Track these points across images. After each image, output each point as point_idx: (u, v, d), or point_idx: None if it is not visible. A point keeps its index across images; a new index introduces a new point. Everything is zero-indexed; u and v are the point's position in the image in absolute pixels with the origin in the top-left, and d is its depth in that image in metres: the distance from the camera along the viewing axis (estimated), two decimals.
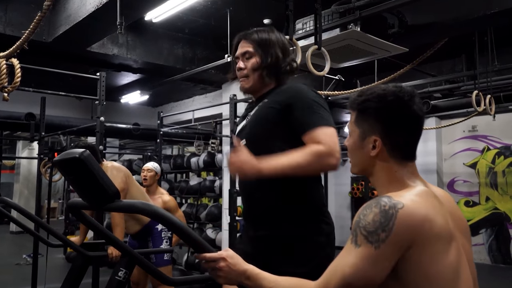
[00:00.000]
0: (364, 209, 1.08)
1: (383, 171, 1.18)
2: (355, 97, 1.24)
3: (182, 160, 6.80)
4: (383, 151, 1.17)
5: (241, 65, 1.88)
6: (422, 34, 4.02)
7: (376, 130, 1.17)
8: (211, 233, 6.06)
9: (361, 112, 1.20)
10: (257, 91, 1.92)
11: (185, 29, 5.20)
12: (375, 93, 1.18)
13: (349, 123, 1.26)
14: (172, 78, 5.45)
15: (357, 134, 1.21)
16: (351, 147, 1.24)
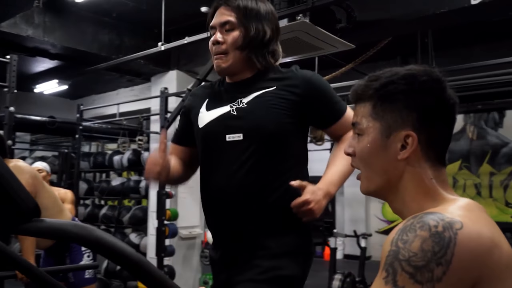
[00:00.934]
0: (402, 232, 0.76)
1: (414, 180, 0.87)
2: (365, 82, 0.92)
3: (103, 158, 6.22)
4: (416, 152, 0.86)
5: (218, 38, 1.49)
6: (369, 31, 3.85)
7: (408, 122, 0.86)
8: (135, 238, 5.57)
9: (384, 100, 0.88)
10: (236, 73, 1.54)
11: (113, 13, 4.69)
12: (400, 74, 0.88)
13: (358, 119, 0.93)
14: (95, 67, 4.90)
15: (377, 131, 0.89)
16: (366, 151, 0.91)
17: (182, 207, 5.12)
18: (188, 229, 5.25)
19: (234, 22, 1.48)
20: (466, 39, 5.32)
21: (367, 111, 0.91)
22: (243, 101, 1.49)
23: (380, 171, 0.90)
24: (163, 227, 4.65)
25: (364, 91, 0.91)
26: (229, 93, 1.55)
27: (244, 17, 1.48)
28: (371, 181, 0.92)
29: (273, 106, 1.46)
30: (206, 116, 1.54)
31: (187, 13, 4.82)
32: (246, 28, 1.48)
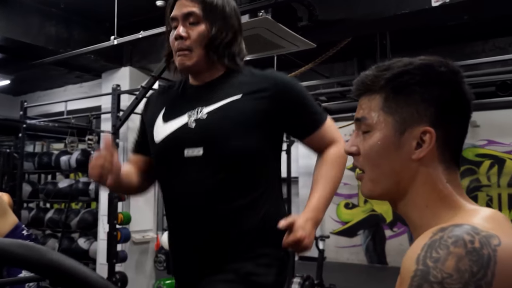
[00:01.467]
0: (430, 249, 0.65)
1: (427, 184, 0.77)
2: (374, 72, 0.81)
3: (49, 159, 5.88)
4: (432, 151, 0.77)
5: (181, 33, 1.32)
6: (330, 30, 3.80)
7: (425, 117, 0.77)
8: (84, 243, 5.29)
9: (398, 91, 0.78)
10: (201, 72, 1.39)
11: (61, 4, 4.39)
12: (415, 63, 0.79)
13: (366, 114, 0.82)
14: (41, 61, 4.57)
15: (390, 127, 0.79)
16: (376, 149, 0.80)
17: (134, 210, 4.89)
18: (141, 233, 5.03)
19: (198, 14, 1.33)
20: (422, 42, 5.41)
21: (377, 104, 0.80)
22: (204, 110, 1.33)
23: (390, 172, 0.80)
24: (114, 231, 4.41)
25: (374, 81, 0.80)
26: (189, 99, 1.39)
27: (210, 10, 1.34)
28: (378, 183, 0.82)
29: (237, 118, 1.31)
30: (162, 130, 1.39)
31: (141, 7, 4.60)
32: (212, 23, 1.33)
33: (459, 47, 5.47)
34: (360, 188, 0.87)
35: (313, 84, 5.75)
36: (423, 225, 0.76)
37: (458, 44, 5.46)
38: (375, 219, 7.86)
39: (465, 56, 5.31)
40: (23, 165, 5.69)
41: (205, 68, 1.38)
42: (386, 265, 7.73)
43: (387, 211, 7.80)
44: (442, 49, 5.52)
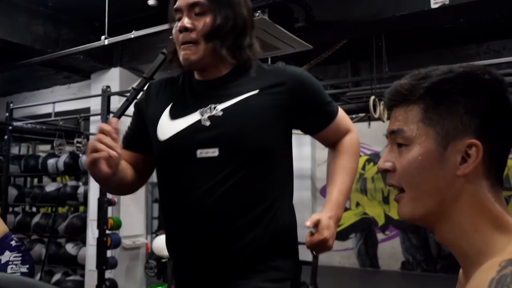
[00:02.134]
0: (501, 285, 0.57)
1: (474, 204, 0.69)
2: (410, 81, 0.74)
3: (36, 162, 5.71)
4: (477, 167, 0.69)
5: (186, 24, 1.23)
6: (326, 32, 3.75)
7: (470, 130, 0.70)
8: (72, 248, 5.14)
9: (439, 102, 0.71)
10: (208, 68, 1.29)
11: (49, 2, 4.26)
12: (456, 71, 0.71)
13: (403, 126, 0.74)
14: (28, 61, 4.43)
15: (431, 140, 0.71)
16: (416, 165, 0.72)
17: (125, 215, 4.77)
18: (131, 239, 4.90)
19: (205, 3, 1.23)
20: (417, 45, 5.38)
21: (415, 115, 0.73)
22: (218, 107, 1.23)
23: (433, 190, 0.71)
24: (104, 237, 4.29)
25: (411, 91, 0.73)
26: (199, 96, 1.28)
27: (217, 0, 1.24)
28: (419, 203, 0.73)
29: (256, 115, 1.22)
30: (170, 127, 1.27)
31: (132, 6, 4.49)
32: (220, 12, 1.23)
33: (453, 50, 5.45)
34: (398, 211, 0.78)
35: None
36: (474, 254, 0.68)
37: (452, 47, 5.44)
38: (367, 222, 7.82)
39: (459, 59, 5.29)
40: (8, 168, 5.53)
41: (212, 64, 1.28)
42: (378, 269, 7.68)
43: (379, 214, 7.77)
44: (437, 51, 5.50)
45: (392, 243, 7.63)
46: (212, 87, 1.28)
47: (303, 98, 1.30)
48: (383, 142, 7.81)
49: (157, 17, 4.53)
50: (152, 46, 4.56)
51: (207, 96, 1.28)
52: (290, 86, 1.28)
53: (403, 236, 7.55)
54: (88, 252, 4.89)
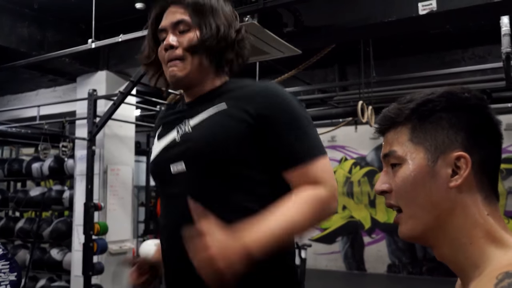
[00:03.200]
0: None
1: (469, 216, 0.72)
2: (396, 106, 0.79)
3: (20, 166, 5.63)
4: (469, 178, 0.72)
5: (171, 42, 1.23)
6: (315, 37, 3.74)
7: (456, 143, 0.73)
8: (57, 254, 5.06)
9: (424, 119, 0.76)
10: (194, 85, 1.28)
11: (34, 4, 4.19)
12: (437, 92, 0.77)
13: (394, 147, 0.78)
14: (13, 64, 4.36)
15: (421, 156, 0.75)
16: (410, 181, 0.75)
17: (111, 220, 4.71)
18: (118, 244, 4.84)
19: (188, 21, 1.23)
20: (403, 50, 5.43)
21: (404, 135, 0.77)
22: (190, 123, 1.24)
23: (427, 204, 0.74)
24: (91, 242, 4.23)
25: (398, 114, 0.78)
26: (181, 115, 1.30)
27: (200, 14, 1.23)
28: (418, 219, 0.75)
29: (220, 128, 1.18)
30: (156, 148, 1.32)
31: (119, 9, 4.45)
32: (203, 26, 1.22)
33: (439, 55, 5.51)
34: (399, 231, 0.80)
35: (294, 90, 5.70)
36: (470, 266, 0.71)
37: (438, 52, 5.51)
38: (354, 225, 7.86)
39: (445, 64, 5.36)
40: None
41: (197, 80, 1.27)
42: (364, 272, 7.72)
43: (365, 217, 7.81)
44: (423, 57, 5.56)
45: (378, 246, 7.68)
46: (193, 105, 1.30)
47: (271, 127, 1.16)
48: (369, 146, 7.87)
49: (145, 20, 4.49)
50: (139, 50, 4.49)
51: (186, 112, 1.30)
52: (261, 110, 1.17)
53: (389, 239, 7.60)
54: (74, 258, 4.82)
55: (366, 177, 7.87)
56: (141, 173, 8.06)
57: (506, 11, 3.62)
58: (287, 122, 1.16)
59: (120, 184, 4.96)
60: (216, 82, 1.29)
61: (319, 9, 3.60)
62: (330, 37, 3.87)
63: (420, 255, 7.36)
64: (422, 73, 5.13)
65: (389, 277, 7.47)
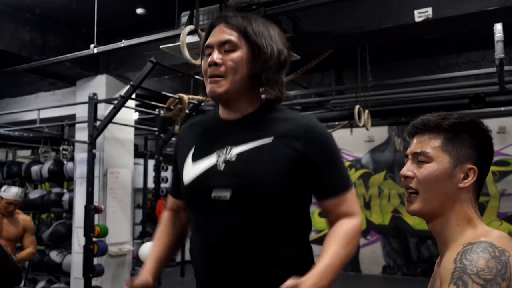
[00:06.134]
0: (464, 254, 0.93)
1: (463, 208, 1.04)
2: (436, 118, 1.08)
3: (19, 168, 5.67)
4: (472, 183, 1.05)
5: (216, 59, 1.26)
6: (313, 42, 3.82)
7: (471, 158, 1.05)
8: (56, 256, 5.11)
9: (455, 136, 1.05)
10: (232, 102, 1.31)
11: (36, 9, 4.24)
12: (466, 117, 1.07)
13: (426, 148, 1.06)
14: (15, 68, 4.40)
15: (447, 161, 1.05)
16: (434, 176, 1.04)
17: (111, 222, 4.76)
18: (117, 246, 4.89)
19: (235, 42, 1.27)
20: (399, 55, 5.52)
21: (437, 142, 1.06)
22: (233, 151, 1.27)
23: (441, 194, 1.04)
24: (91, 244, 4.28)
25: (437, 125, 1.06)
26: (219, 137, 1.32)
27: (249, 36, 1.27)
28: (428, 202, 1.05)
29: (269, 162, 1.24)
30: (191, 170, 1.33)
31: (120, 14, 4.50)
32: (251, 47, 1.26)
33: (434, 59, 5.61)
34: (409, 207, 1.08)
35: (294, 94, 5.77)
36: (452, 240, 1.01)
37: (433, 56, 5.61)
38: None
39: (440, 69, 5.45)
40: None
41: (237, 98, 1.30)
42: (360, 273, 7.79)
43: None
44: (419, 61, 5.65)
45: (374, 248, 7.76)
46: (232, 127, 1.32)
47: (313, 163, 1.27)
48: (364, 149, 7.96)
49: (145, 25, 4.57)
50: (139, 54, 4.57)
51: (226, 136, 1.31)
52: (304, 141, 1.26)
53: (384, 240, 7.68)
54: (73, 260, 4.86)
55: (361, 179, 7.95)
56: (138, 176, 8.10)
57: (500, 19, 3.71)
58: (329, 159, 1.30)
59: (119, 186, 5.01)
60: (255, 102, 1.33)
61: (318, 16, 3.67)
62: (328, 43, 3.95)
63: (414, 256, 7.44)
64: (418, 78, 5.23)
65: (384, 279, 7.54)
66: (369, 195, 7.86)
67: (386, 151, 7.81)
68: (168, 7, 3.75)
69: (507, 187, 6.88)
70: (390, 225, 7.64)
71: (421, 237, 7.33)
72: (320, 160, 1.28)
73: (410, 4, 3.37)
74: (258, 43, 1.27)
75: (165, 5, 3.87)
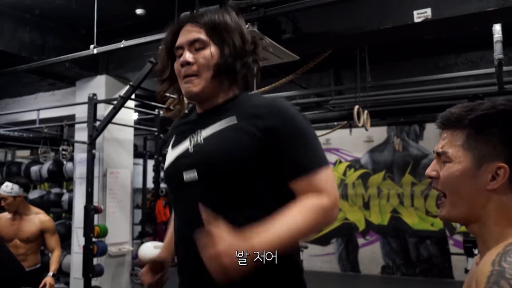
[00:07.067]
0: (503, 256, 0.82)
1: (499, 209, 0.91)
2: (459, 110, 0.95)
3: (18, 168, 5.67)
4: (504, 183, 0.90)
5: (188, 58, 1.29)
6: (312, 43, 3.83)
7: (501, 155, 0.90)
8: None
9: (479, 131, 0.92)
10: (208, 99, 1.34)
11: (36, 10, 4.25)
12: (497, 107, 0.92)
13: (447, 148, 0.96)
14: (15, 69, 4.40)
15: (469, 160, 0.93)
16: (454, 178, 0.94)
17: (110, 223, 4.77)
18: (117, 246, 4.90)
19: (204, 39, 1.30)
20: (398, 55, 5.52)
21: (459, 139, 0.94)
22: (202, 134, 1.30)
23: (466, 197, 0.93)
24: (91, 245, 4.28)
25: (459, 119, 0.94)
26: (193, 126, 1.36)
27: (215, 32, 1.30)
28: (456, 206, 0.95)
29: (231, 140, 1.24)
30: (170, 156, 1.38)
31: (119, 15, 4.51)
32: (219, 44, 1.30)
33: (433, 60, 5.62)
34: (440, 213, 0.98)
35: (290, 94, 5.78)
36: (492, 241, 0.90)
37: (432, 57, 5.62)
38: (348, 227, 7.94)
39: (439, 69, 5.46)
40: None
41: (211, 94, 1.33)
42: (359, 273, 7.81)
43: (360, 219, 7.90)
44: (418, 62, 5.66)
45: (373, 248, 7.77)
46: (204, 115, 1.36)
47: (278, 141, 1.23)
48: (363, 149, 7.97)
49: (144, 26, 4.57)
50: (138, 54, 4.58)
51: (198, 124, 1.35)
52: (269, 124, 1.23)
53: (383, 240, 7.69)
54: (73, 260, 4.87)
55: (360, 179, 7.96)
56: (137, 176, 8.10)
57: (499, 20, 3.72)
58: (293, 136, 1.23)
59: (119, 187, 5.01)
60: (229, 94, 1.36)
61: (317, 16, 3.68)
62: (327, 44, 3.96)
63: (413, 256, 7.45)
64: (417, 78, 5.24)
65: (383, 279, 7.55)
66: (368, 195, 7.88)
67: (385, 151, 7.82)
68: (167, 7, 3.76)
69: None
70: (389, 225, 7.65)
71: (420, 237, 7.35)
72: (286, 137, 1.22)
73: (409, 4, 3.38)
74: (225, 38, 1.29)
75: (165, 5, 3.88)
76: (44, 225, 3.66)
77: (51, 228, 3.70)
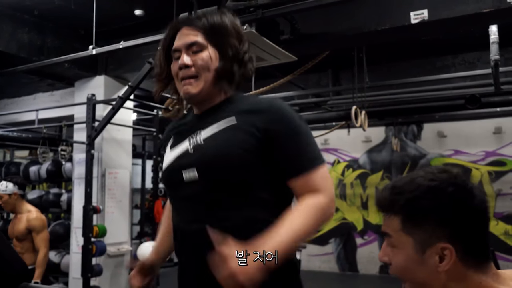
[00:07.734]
0: None
1: (465, 285, 0.85)
2: (389, 195, 0.90)
3: (17, 169, 5.68)
4: (455, 262, 0.84)
5: (186, 61, 1.31)
6: (310, 44, 3.85)
7: (441, 236, 0.84)
8: (55, 256, 5.13)
9: (412, 217, 0.87)
10: (205, 100, 1.36)
11: (34, 10, 4.26)
12: (425, 186, 0.86)
13: (389, 231, 0.90)
14: (14, 69, 4.41)
15: (412, 246, 0.87)
16: (404, 265, 0.88)
17: (109, 223, 4.78)
18: (116, 246, 4.91)
19: (201, 42, 1.32)
20: (396, 56, 5.55)
21: (396, 225, 0.88)
22: (202, 135, 1.32)
23: (421, 283, 0.88)
24: (90, 245, 4.29)
25: (390, 205, 0.89)
26: (192, 127, 1.37)
27: (212, 35, 1.32)
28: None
29: (231, 141, 1.26)
30: (168, 157, 1.39)
31: (117, 15, 4.52)
32: (216, 46, 1.31)
33: (430, 60, 5.64)
34: None
35: (288, 95, 5.80)
36: None
37: (429, 57, 5.64)
38: (346, 227, 7.96)
39: (436, 70, 5.49)
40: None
41: (209, 95, 1.35)
42: (357, 273, 7.83)
43: (358, 219, 7.92)
44: (415, 62, 5.69)
45: (371, 248, 7.79)
46: (203, 116, 1.37)
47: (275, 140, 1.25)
48: (362, 149, 8.00)
49: (143, 27, 4.59)
50: (137, 55, 4.59)
51: (197, 124, 1.36)
52: (266, 125, 1.25)
53: (381, 240, 7.67)
54: (72, 260, 4.88)
55: (358, 179, 7.98)
56: (136, 176, 8.11)
57: (495, 21, 3.75)
58: (290, 135, 1.26)
59: (118, 187, 5.03)
60: (225, 94, 1.38)
61: (315, 17, 3.69)
62: (325, 44, 3.98)
63: None
64: (414, 79, 5.27)
65: (381, 278, 7.57)
66: (366, 195, 7.90)
67: (383, 151, 7.85)
68: (166, 8, 3.77)
69: (503, 187, 6.92)
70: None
71: None
72: (282, 137, 1.25)
73: (406, 6, 3.40)
74: (223, 40, 1.31)
75: (164, 6, 3.89)
76: (30, 224, 3.63)
77: (37, 226, 3.65)
